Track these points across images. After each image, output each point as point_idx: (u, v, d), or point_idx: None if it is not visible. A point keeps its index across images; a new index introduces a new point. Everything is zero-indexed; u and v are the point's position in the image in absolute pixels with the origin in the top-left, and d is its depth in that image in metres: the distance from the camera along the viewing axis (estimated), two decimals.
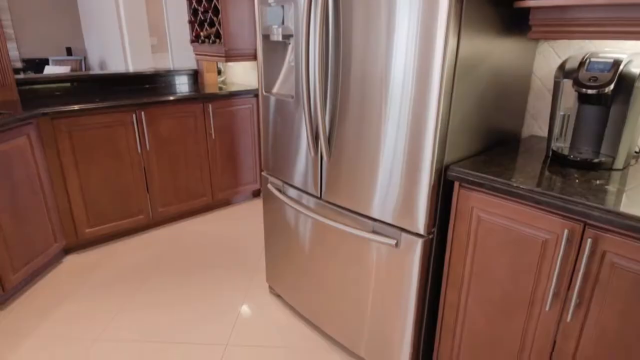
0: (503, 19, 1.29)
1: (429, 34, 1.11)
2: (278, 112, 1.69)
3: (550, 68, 1.53)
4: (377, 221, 1.41)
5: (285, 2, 1.50)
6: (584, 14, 1.14)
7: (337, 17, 1.32)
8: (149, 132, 2.59)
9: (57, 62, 6.54)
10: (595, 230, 0.99)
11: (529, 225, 1.11)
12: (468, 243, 1.27)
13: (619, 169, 1.22)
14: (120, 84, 3.04)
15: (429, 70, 1.14)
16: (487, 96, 1.35)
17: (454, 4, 1.07)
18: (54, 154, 2.27)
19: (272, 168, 1.82)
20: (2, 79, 2.42)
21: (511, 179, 1.13)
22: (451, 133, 1.24)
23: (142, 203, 2.68)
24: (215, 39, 2.85)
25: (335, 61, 1.37)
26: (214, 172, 2.99)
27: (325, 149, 1.48)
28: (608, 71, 1.15)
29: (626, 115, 1.17)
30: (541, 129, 1.61)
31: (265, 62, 1.71)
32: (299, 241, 1.78)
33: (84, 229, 2.47)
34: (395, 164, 1.29)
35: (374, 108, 1.30)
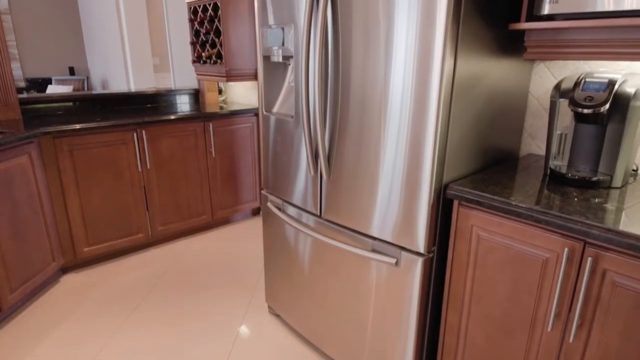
0: (499, 40, 1.32)
1: (427, 55, 1.13)
2: (278, 131, 1.70)
3: (546, 88, 1.56)
4: (377, 240, 1.41)
5: (285, 24, 1.53)
6: (577, 35, 1.17)
7: (336, 39, 1.35)
8: (150, 151, 2.60)
9: (60, 81, 6.62)
10: (596, 249, 0.99)
11: (529, 244, 1.11)
12: (468, 262, 1.26)
13: (617, 187, 1.23)
14: (122, 103, 3.07)
15: (427, 90, 1.16)
16: (484, 115, 1.37)
17: (450, 26, 1.10)
18: (55, 173, 2.28)
19: (272, 186, 1.83)
20: (6, 98, 2.45)
21: (510, 198, 1.14)
22: (450, 152, 1.25)
23: (141, 221, 2.67)
24: (216, 59, 2.90)
25: (334, 81, 1.40)
26: (214, 190, 2.99)
27: (324, 167, 1.49)
28: (603, 91, 1.17)
29: (622, 134, 1.18)
30: (539, 147, 1.62)
31: (266, 82, 1.73)
32: (298, 260, 1.77)
33: (82, 248, 2.46)
34: (394, 182, 1.30)
35: (373, 127, 1.32)
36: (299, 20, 1.47)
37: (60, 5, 6.83)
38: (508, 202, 1.12)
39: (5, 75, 2.43)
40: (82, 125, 2.30)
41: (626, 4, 1.03)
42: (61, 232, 2.37)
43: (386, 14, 1.19)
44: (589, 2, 1.08)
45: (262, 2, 1.62)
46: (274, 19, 1.58)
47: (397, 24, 1.17)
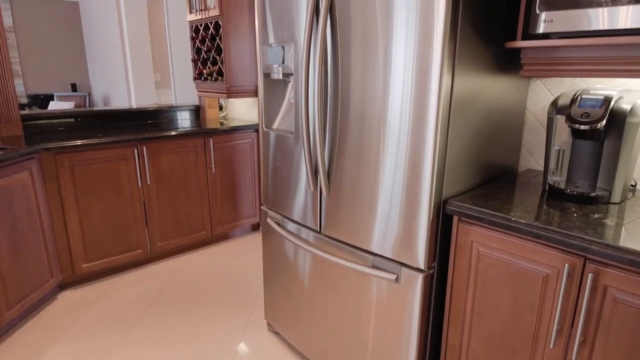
0: (496, 57, 1.34)
1: (425, 72, 1.15)
2: (278, 147, 1.71)
3: (543, 104, 1.57)
4: (377, 256, 1.40)
5: (285, 42, 1.56)
6: (573, 53, 1.19)
7: (336, 56, 1.37)
8: (150, 167, 2.61)
9: (62, 97, 6.68)
10: (596, 264, 0.99)
11: (529, 260, 1.11)
12: (469, 278, 1.26)
13: (616, 203, 1.23)
14: (123, 119, 3.10)
15: (425, 107, 1.17)
16: (482, 131, 1.38)
17: (447, 44, 1.12)
18: (55, 189, 2.28)
19: (272, 202, 1.83)
20: (8, 114, 2.47)
21: (510, 213, 1.14)
22: (449, 167, 1.26)
23: (140, 237, 2.66)
24: (217, 76, 2.93)
25: (334, 98, 1.41)
26: (214, 206, 2.99)
27: (324, 183, 1.49)
28: (599, 107, 1.18)
29: (620, 150, 1.19)
30: (537, 163, 1.63)
31: (266, 99, 1.75)
32: (298, 276, 1.76)
33: (80, 264, 2.45)
34: (394, 198, 1.30)
35: (372, 143, 1.33)
36: (298, 38, 1.50)
37: (64, 23, 6.94)
38: (508, 218, 1.12)
39: (8, 92, 2.45)
40: (83, 142, 2.32)
41: (621, 23, 1.05)
42: (60, 248, 2.36)
43: (384, 33, 1.22)
44: (583, 21, 1.10)
45: (262, 21, 1.65)
46: (275, 37, 1.60)
47: (395, 42, 1.19)
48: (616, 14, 1.05)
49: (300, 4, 1.46)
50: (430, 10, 1.10)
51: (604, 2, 1.06)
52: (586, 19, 1.09)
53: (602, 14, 1.07)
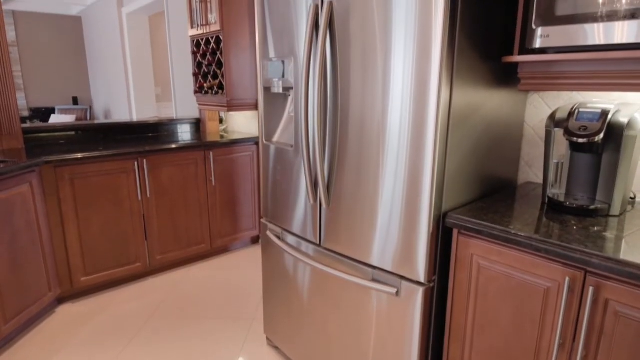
0: (493, 71, 1.35)
1: (423, 86, 1.16)
2: (278, 160, 1.72)
3: (541, 117, 1.58)
4: (377, 269, 1.40)
5: (285, 57, 1.57)
6: (569, 67, 1.20)
7: (335, 70, 1.39)
8: (150, 180, 2.62)
9: (63, 111, 6.73)
10: (597, 278, 0.99)
11: (530, 273, 1.10)
12: (469, 292, 1.25)
13: (616, 215, 1.23)
14: (124, 132, 3.11)
15: (424, 120, 1.18)
16: (481, 144, 1.39)
17: (445, 59, 1.13)
18: (55, 202, 2.28)
19: (272, 215, 1.83)
20: (9, 127, 2.49)
21: (509, 226, 1.14)
22: (448, 180, 1.27)
23: (139, 251, 2.65)
24: (218, 90, 2.95)
25: (333, 112, 1.42)
26: (213, 218, 2.99)
27: (324, 196, 1.50)
28: (597, 121, 1.19)
29: (618, 163, 1.20)
30: (536, 175, 1.63)
31: (266, 112, 1.77)
32: (297, 289, 1.75)
33: (79, 278, 2.43)
34: (393, 211, 1.31)
35: (372, 157, 1.33)
36: (299, 53, 1.52)
37: (67, 37, 7.02)
38: (507, 231, 1.12)
39: (10, 106, 2.47)
40: (84, 155, 2.33)
41: (617, 38, 1.06)
42: (59, 262, 2.35)
43: (383, 47, 1.23)
44: (580, 36, 1.12)
45: (263, 36, 1.67)
46: (275, 52, 1.62)
47: (394, 56, 1.21)
48: (612, 30, 1.06)
49: (300, 19, 1.48)
50: (428, 26, 1.12)
51: (600, 18, 1.08)
52: (582, 34, 1.11)
53: (598, 29, 1.08)
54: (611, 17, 1.06)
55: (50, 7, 6.61)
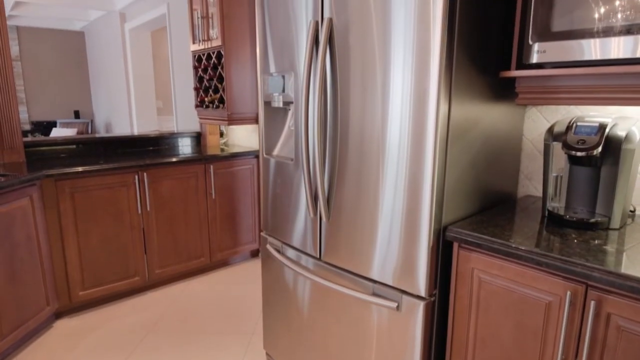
0: (491, 86, 1.37)
1: (422, 100, 1.18)
2: (278, 174, 1.73)
3: (540, 131, 1.59)
4: (377, 283, 1.39)
5: (286, 72, 1.59)
6: (566, 82, 1.22)
7: (335, 85, 1.40)
8: (150, 193, 2.62)
9: (64, 124, 6.77)
10: (598, 292, 0.98)
11: (531, 287, 1.10)
12: (470, 306, 1.24)
13: (616, 229, 1.23)
14: (125, 146, 3.13)
15: (423, 134, 1.19)
16: (480, 158, 1.40)
17: (444, 73, 1.15)
18: (55, 215, 2.28)
19: (271, 228, 1.82)
20: (11, 141, 2.50)
21: (510, 240, 1.14)
22: (448, 193, 1.27)
23: (138, 264, 2.64)
24: (219, 104, 2.98)
25: (333, 125, 1.43)
26: (213, 232, 2.98)
27: (324, 210, 1.50)
28: (595, 134, 1.20)
29: (617, 176, 1.20)
30: (536, 188, 1.64)
31: (266, 126, 1.78)
32: (297, 304, 1.74)
33: (77, 292, 2.42)
34: (393, 224, 1.30)
35: (372, 170, 1.34)
36: (299, 68, 1.53)
37: (69, 51, 7.10)
38: (508, 245, 1.12)
39: (12, 120, 2.49)
40: (84, 168, 2.33)
41: (613, 53, 1.08)
42: (57, 276, 2.34)
43: (382, 63, 1.25)
44: (576, 51, 1.13)
45: (263, 51, 1.70)
46: (275, 67, 1.64)
47: (393, 71, 1.23)
48: (608, 45, 1.08)
49: (301, 34, 1.50)
50: (427, 41, 1.14)
51: (596, 34, 1.09)
52: (579, 49, 1.13)
53: (594, 44, 1.10)
54: (607, 32, 1.07)
55: (53, 22, 6.71)
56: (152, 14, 4.50)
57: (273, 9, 1.61)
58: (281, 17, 1.58)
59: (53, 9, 5.89)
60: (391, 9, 1.20)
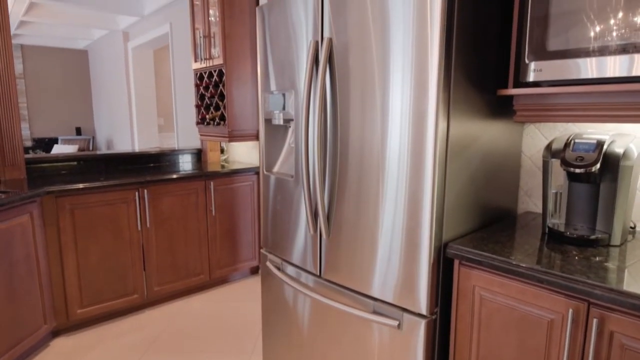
0: (489, 103, 1.38)
1: (421, 118, 1.19)
2: (278, 191, 1.73)
3: (538, 147, 1.61)
4: (377, 301, 1.38)
5: (286, 90, 1.61)
6: (563, 100, 1.23)
7: (335, 103, 1.42)
8: (151, 210, 2.62)
9: (66, 141, 6.80)
10: (600, 309, 0.97)
11: (533, 305, 1.09)
12: (472, 324, 1.23)
13: (617, 245, 1.23)
14: (126, 162, 3.14)
15: (423, 152, 1.20)
16: (480, 174, 1.40)
17: (442, 92, 1.16)
18: (54, 232, 2.27)
19: (271, 245, 1.82)
20: (13, 158, 2.51)
21: (510, 257, 1.13)
22: (448, 210, 1.27)
23: (137, 282, 2.62)
24: (219, 121, 3.00)
25: (333, 143, 1.45)
26: (213, 249, 2.97)
27: (324, 227, 1.50)
28: (593, 151, 1.21)
29: (616, 193, 1.20)
30: (536, 205, 1.64)
31: (267, 143, 1.79)
32: (297, 322, 1.72)
33: (75, 310, 2.39)
34: (394, 241, 1.30)
35: (372, 187, 1.34)
36: (299, 86, 1.56)
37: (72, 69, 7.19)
38: (509, 262, 1.11)
39: (14, 138, 2.51)
40: (85, 185, 2.34)
41: (609, 72, 1.09)
42: (55, 293, 2.32)
43: (382, 82, 1.27)
44: (572, 70, 1.15)
45: (264, 70, 1.72)
46: (276, 85, 1.67)
47: (392, 90, 1.24)
48: (604, 63, 1.10)
49: (301, 54, 1.53)
50: (425, 61, 1.16)
51: (592, 52, 1.11)
52: (575, 68, 1.14)
53: (590, 63, 1.12)
54: (603, 51, 1.09)
55: (57, 41, 6.81)
56: (155, 33, 4.58)
57: (274, 28, 1.64)
58: (282, 37, 1.61)
59: (57, 28, 6.00)
60: (390, 30, 1.23)
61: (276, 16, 1.62)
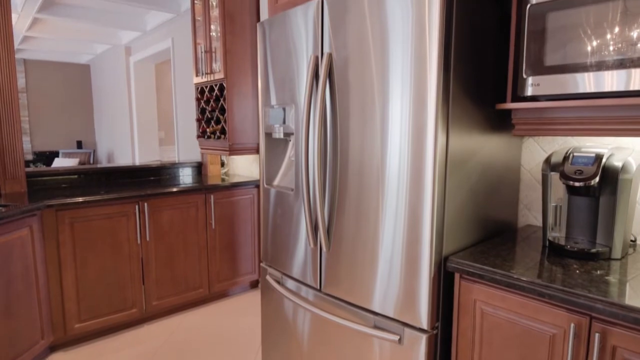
0: (488, 117, 1.39)
1: (420, 132, 1.20)
2: (278, 204, 1.73)
3: (537, 161, 1.61)
4: (378, 315, 1.37)
5: (286, 104, 1.63)
6: (561, 114, 1.24)
7: (335, 117, 1.43)
8: (150, 223, 2.61)
9: (67, 154, 6.82)
10: (602, 324, 0.97)
11: (534, 319, 1.08)
12: (474, 338, 1.22)
13: (618, 259, 1.22)
14: (126, 176, 3.15)
15: (422, 165, 1.20)
16: (480, 188, 1.41)
17: (440, 106, 1.17)
18: (54, 246, 2.27)
19: (271, 259, 1.81)
20: (14, 172, 2.52)
21: (511, 271, 1.13)
22: (448, 224, 1.27)
23: (136, 296, 2.60)
24: (220, 134, 3.02)
25: (333, 156, 1.45)
26: (212, 262, 2.95)
27: (324, 240, 1.49)
28: (592, 165, 1.22)
29: (615, 206, 1.21)
30: (536, 218, 1.64)
31: (267, 157, 1.80)
32: (297, 337, 1.70)
33: (73, 324, 2.37)
34: (394, 255, 1.30)
35: (372, 201, 1.34)
36: (299, 101, 1.57)
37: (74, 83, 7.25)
38: (509, 275, 1.11)
39: (16, 151, 2.52)
40: (85, 198, 2.34)
41: (607, 86, 1.11)
42: (53, 308, 2.30)
43: (381, 96, 1.28)
44: (570, 84, 1.16)
45: (265, 84, 1.74)
46: (276, 99, 1.68)
47: (392, 105, 1.26)
48: (602, 78, 1.11)
49: (301, 69, 1.55)
50: (423, 76, 1.17)
51: (589, 67, 1.13)
52: (573, 82, 1.16)
53: (587, 78, 1.13)
54: (600, 66, 1.11)
55: (60, 56, 6.89)
56: (157, 48, 4.63)
57: (274, 44, 1.66)
58: (282, 52, 1.63)
59: (61, 43, 6.07)
60: (389, 45, 1.24)
61: (277, 32, 1.65)
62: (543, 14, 1.20)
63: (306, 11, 1.49)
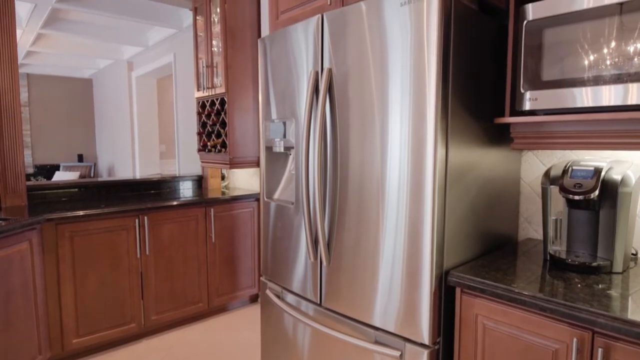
0: (487, 131, 1.40)
1: (420, 146, 1.20)
2: (278, 218, 1.73)
3: (537, 174, 1.62)
4: (379, 330, 1.36)
5: (287, 118, 1.64)
6: (559, 127, 1.25)
7: (335, 132, 1.44)
8: (150, 237, 2.61)
9: (68, 167, 6.84)
10: (605, 338, 0.96)
11: (536, 334, 1.07)
12: (476, 354, 1.21)
13: (619, 273, 1.22)
14: (127, 189, 3.15)
15: (422, 179, 1.21)
16: (480, 201, 1.41)
17: (440, 121, 1.18)
18: (53, 260, 2.26)
19: (271, 273, 1.80)
20: (15, 185, 2.52)
21: (512, 285, 1.12)
22: (448, 237, 1.27)
23: (135, 310, 2.58)
24: (221, 148, 3.04)
25: (333, 170, 1.46)
26: (212, 276, 2.94)
27: (324, 254, 1.49)
28: (591, 178, 1.22)
29: (615, 219, 1.20)
30: (536, 231, 1.63)
31: (268, 170, 1.81)
32: (297, 352, 1.68)
33: (71, 340, 2.35)
34: (395, 269, 1.29)
35: (372, 214, 1.34)
36: (299, 115, 1.58)
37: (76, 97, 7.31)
38: (510, 290, 1.10)
39: (17, 165, 2.53)
40: (85, 212, 2.34)
41: (605, 101, 1.12)
42: (51, 323, 2.28)
43: (380, 111, 1.29)
44: (568, 99, 1.18)
45: (266, 99, 1.76)
46: (277, 113, 1.70)
47: (391, 119, 1.27)
48: (599, 92, 1.12)
49: (301, 83, 1.56)
50: (422, 91, 1.19)
51: (587, 82, 1.14)
52: (570, 97, 1.17)
53: (585, 92, 1.14)
54: (597, 81, 1.12)
55: (63, 70, 6.96)
56: (159, 63, 4.68)
57: (275, 59, 1.68)
58: (283, 67, 1.65)
59: (64, 58, 6.14)
60: (388, 61, 1.26)
61: (277, 47, 1.67)
62: (540, 29, 1.21)
63: (306, 27, 1.52)
